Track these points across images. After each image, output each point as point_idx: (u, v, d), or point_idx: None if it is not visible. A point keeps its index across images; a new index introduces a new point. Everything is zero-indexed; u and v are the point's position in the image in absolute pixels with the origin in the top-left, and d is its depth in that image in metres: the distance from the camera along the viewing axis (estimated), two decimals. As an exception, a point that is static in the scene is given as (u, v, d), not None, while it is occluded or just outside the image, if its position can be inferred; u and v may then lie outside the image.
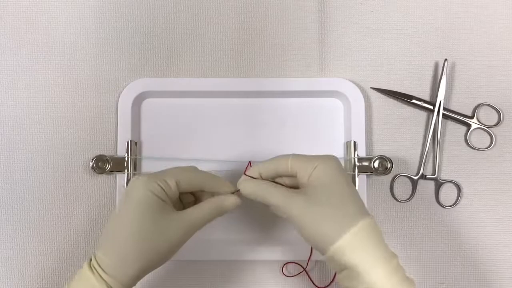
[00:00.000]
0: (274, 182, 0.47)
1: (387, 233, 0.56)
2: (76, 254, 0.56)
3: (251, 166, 0.49)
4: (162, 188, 0.44)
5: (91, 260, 0.43)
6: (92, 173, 0.57)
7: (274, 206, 0.45)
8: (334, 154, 0.47)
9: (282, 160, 0.46)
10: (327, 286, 0.55)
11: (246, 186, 0.47)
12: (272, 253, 0.56)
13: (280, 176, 0.47)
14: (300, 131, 0.58)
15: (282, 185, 0.47)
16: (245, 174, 0.48)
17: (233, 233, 0.57)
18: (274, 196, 0.45)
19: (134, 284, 0.44)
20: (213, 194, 0.48)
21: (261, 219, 0.57)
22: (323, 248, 0.42)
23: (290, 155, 0.46)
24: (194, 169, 0.48)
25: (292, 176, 0.46)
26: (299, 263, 0.56)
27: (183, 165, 0.48)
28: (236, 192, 0.47)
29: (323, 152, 0.57)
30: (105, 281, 0.42)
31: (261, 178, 0.47)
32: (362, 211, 0.43)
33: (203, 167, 0.49)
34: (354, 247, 0.41)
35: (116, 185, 0.57)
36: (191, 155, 0.57)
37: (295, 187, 0.47)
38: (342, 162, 0.57)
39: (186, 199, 0.49)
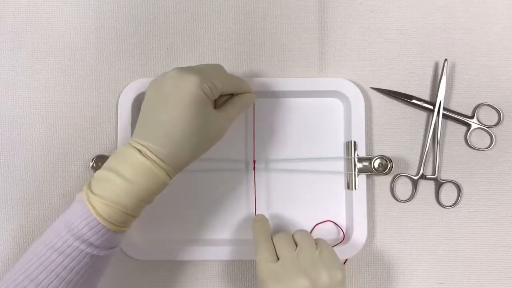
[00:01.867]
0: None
1: (387, 233, 0.57)
2: (76, 254, 0.56)
3: (254, 164, 0.51)
4: (210, 89, 0.46)
5: (134, 146, 0.44)
6: (92, 173, 0.57)
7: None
8: (333, 163, 0.49)
9: (288, 238, 0.50)
10: None
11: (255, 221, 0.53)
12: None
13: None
14: (300, 131, 0.58)
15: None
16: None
17: (234, 234, 0.57)
18: (257, 241, 0.50)
19: (184, 168, 0.47)
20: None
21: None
22: None
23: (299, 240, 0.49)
24: (226, 72, 0.50)
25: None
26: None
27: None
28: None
29: (323, 152, 0.57)
30: (163, 168, 0.44)
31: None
32: None
33: (204, 166, 0.49)
34: None
35: (116, 185, 0.57)
36: (191, 155, 0.57)
37: None
38: (342, 162, 0.57)
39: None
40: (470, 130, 0.57)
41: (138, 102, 0.58)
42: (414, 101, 0.58)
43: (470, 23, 0.59)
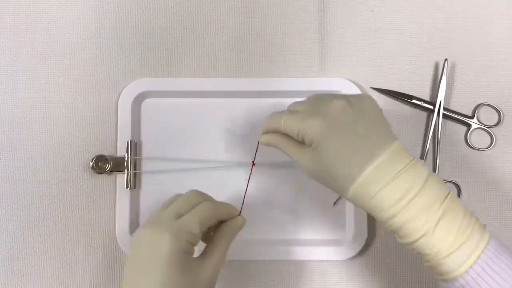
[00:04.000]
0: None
1: (387, 233, 0.57)
2: (76, 254, 0.56)
3: (254, 165, 0.51)
4: (189, 242, 0.42)
5: None
6: (92, 173, 0.57)
7: (289, 157, 0.45)
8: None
9: (275, 121, 0.45)
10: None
11: (264, 139, 0.47)
12: (273, 253, 0.56)
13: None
14: (300, 131, 0.58)
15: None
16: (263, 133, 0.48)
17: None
18: (286, 148, 0.45)
19: None
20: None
21: (263, 219, 0.57)
22: (342, 193, 0.42)
23: (283, 115, 0.44)
24: (205, 201, 0.46)
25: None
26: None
27: (183, 170, 0.47)
28: (240, 213, 0.48)
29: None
30: None
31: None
32: (379, 142, 0.40)
33: (204, 165, 0.49)
34: (374, 184, 0.39)
35: (116, 185, 0.57)
36: (191, 155, 0.57)
37: None
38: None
39: None
40: (470, 130, 0.57)
41: (138, 102, 0.58)
42: (414, 101, 0.58)
43: (470, 23, 0.59)
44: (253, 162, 0.53)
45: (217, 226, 0.47)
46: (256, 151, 0.50)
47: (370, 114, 0.43)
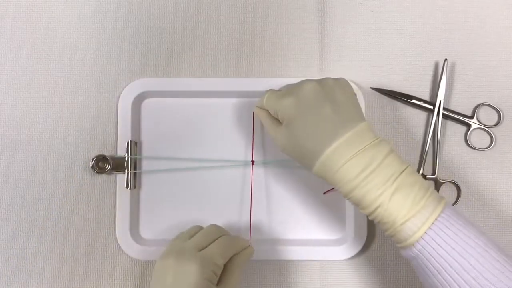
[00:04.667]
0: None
1: (387, 233, 0.57)
2: (76, 254, 0.57)
3: (253, 164, 0.53)
4: (214, 272, 0.46)
5: None
6: (92, 173, 0.57)
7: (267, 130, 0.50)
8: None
9: (261, 99, 0.51)
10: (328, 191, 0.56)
11: (256, 112, 0.53)
12: (273, 253, 0.56)
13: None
14: (300, 131, 0.58)
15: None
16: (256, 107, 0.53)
17: (234, 233, 0.57)
18: (267, 126, 0.50)
19: None
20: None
21: (263, 219, 0.57)
22: (310, 168, 0.45)
23: (266, 93, 0.51)
24: (224, 235, 0.50)
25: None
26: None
27: (183, 170, 0.48)
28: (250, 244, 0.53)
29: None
30: None
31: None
32: (346, 122, 0.44)
33: (204, 165, 0.49)
34: (337, 159, 0.43)
35: (116, 185, 0.57)
36: (190, 155, 0.57)
37: None
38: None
39: None
40: (470, 130, 0.57)
41: (138, 102, 0.58)
42: (414, 101, 0.58)
43: (470, 23, 0.59)
44: (252, 161, 0.53)
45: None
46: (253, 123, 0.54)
47: (341, 97, 0.46)
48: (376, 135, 0.45)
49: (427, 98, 0.58)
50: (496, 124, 0.58)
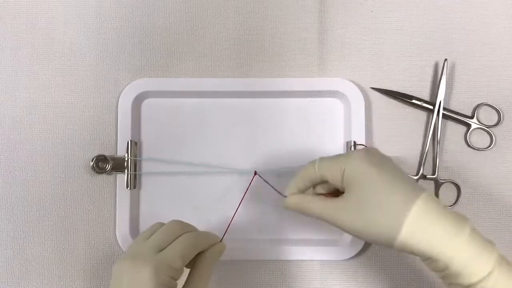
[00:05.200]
0: (316, 194, 0.47)
1: (387, 233, 0.57)
2: (76, 254, 0.56)
3: (256, 174, 0.52)
4: (170, 276, 0.42)
5: None
6: (92, 173, 0.57)
7: (321, 218, 0.44)
8: (334, 154, 0.47)
9: (309, 167, 0.45)
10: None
11: (291, 202, 0.46)
12: (272, 253, 0.56)
13: (315, 183, 0.46)
14: (300, 131, 0.58)
15: (324, 194, 0.46)
16: (284, 196, 0.47)
17: (234, 233, 0.57)
18: (318, 209, 0.44)
19: None
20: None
21: (262, 219, 0.57)
22: (388, 245, 0.41)
23: (316, 160, 0.45)
24: (186, 233, 0.46)
25: (325, 181, 0.45)
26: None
27: (183, 170, 0.47)
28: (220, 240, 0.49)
29: (323, 152, 0.57)
30: None
31: (299, 191, 0.46)
32: (411, 193, 0.41)
33: (203, 168, 0.48)
34: (417, 233, 0.40)
35: (116, 185, 0.57)
36: (191, 155, 0.57)
37: (336, 192, 0.46)
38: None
39: None
40: (470, 130, 0.57)
41: (138, 102, 0.58)
42: (414, 101, 0.57)
43: (470, 23, 0.59)
44: (255, 172, 0.53)
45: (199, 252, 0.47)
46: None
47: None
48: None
49: (427, 98, 0.58)
50: (496, 124, 0.58)
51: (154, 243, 0.44)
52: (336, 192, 0.46)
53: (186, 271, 0.46)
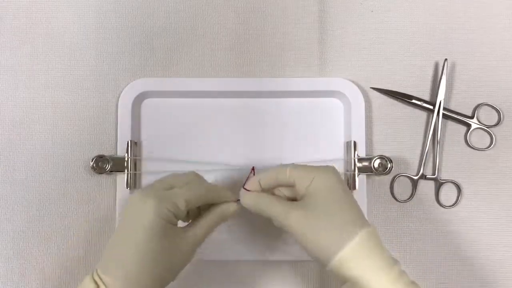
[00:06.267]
0: (273, 194, 0.48)
1: (387, 234, 0.57)
2: (76, 254, 0.56)
3: (254, 171, 0.51)
4: (172, 212, 0.43)
5: (94, 279, 0.43)
6: (92, 173, 0.57)
7: (274, 218, 0.45)
8: (333, 163, 0.48)
9: (281, 170, 0.47)
10: None
11: (247, 198, 0.47)
12: (272, 253, 0.56)
13: (280, 185, 0.47)
14: (300, 131, 0.58)
15: (282, 197, 0.48)
16: (244, 187, 0.48)
17: (233, 233, 0.57)
18: (274, 208, 0.45)
19: None
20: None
21: (262, 219, 0.57)
22: (323, 261, 0.43)
23: (289, 165, 0.47)
24: (199, 182, 0.47)
25: (291, 186, 0.46)
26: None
27: (183, 170, 0.48)
28: (237, 200, 0.48)
29: (323, 152, 0.57)
30: None
31: (261, 187, 0.47)
32: (361, 222, 0.43)
33: (204, 171, 0.49)
34: (353, 259, 0.41)
35: (116, 185, 0.57)
36: (191, 155, 0.57)
37: (294, 199, 0.47)
38: (342, 163, 0.57)
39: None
40: (470, 130, 0.57)
41: (138, 102, 0.58)
42: (414, 101, 0.58)
43: (470, 23, 0.59)
44: (252, 168, 0.53)
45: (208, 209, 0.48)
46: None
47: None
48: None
49: (427, 98, 0.58)
50: (496, 124, 0.58)
51: (165, 182, 0.46)
52: (290, 199, 0.47)
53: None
